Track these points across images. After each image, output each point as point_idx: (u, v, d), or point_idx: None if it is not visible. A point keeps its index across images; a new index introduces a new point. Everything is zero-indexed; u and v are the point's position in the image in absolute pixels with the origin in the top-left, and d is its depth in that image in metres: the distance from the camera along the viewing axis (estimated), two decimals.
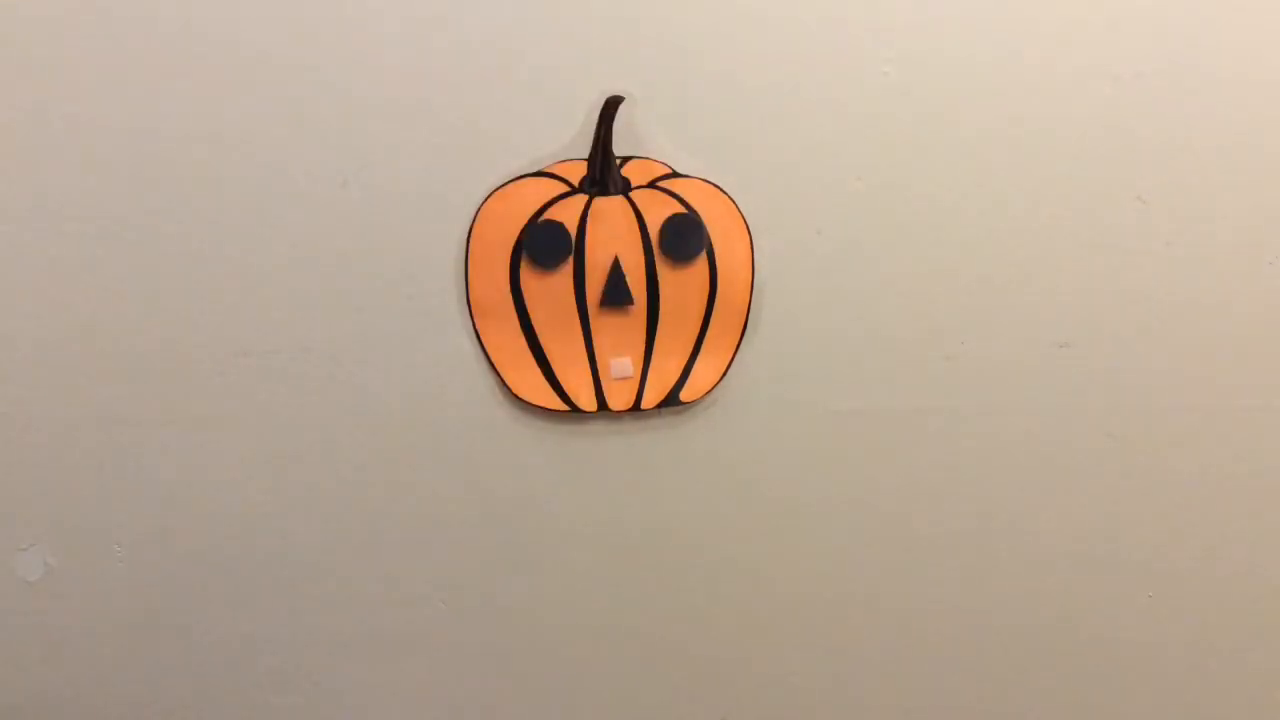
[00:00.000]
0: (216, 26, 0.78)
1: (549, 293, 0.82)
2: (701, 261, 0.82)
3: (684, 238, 0.81)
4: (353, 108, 0.79)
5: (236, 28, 0.78)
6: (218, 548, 0.87)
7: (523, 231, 0.81)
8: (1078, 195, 0.82)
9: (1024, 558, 0.89)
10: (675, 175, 0.82)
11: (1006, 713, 0.92)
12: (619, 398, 0.84)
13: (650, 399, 0.84)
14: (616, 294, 0.81)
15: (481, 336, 0.83)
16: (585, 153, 0.81)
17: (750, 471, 0.86)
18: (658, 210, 0.81)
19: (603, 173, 0.81)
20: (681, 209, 0.81)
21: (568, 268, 0.81)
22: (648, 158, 0.82)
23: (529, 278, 0.82)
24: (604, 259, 0.81)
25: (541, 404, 0.83)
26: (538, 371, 0.83)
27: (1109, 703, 0.92)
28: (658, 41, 0.79)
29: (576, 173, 0.81)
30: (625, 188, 0.82)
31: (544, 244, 0.81)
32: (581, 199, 0.81)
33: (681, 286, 0.82)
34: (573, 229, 0.81)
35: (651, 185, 0.81)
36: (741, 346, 0.84)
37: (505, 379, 0.83)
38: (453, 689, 0.90)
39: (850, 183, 0.82)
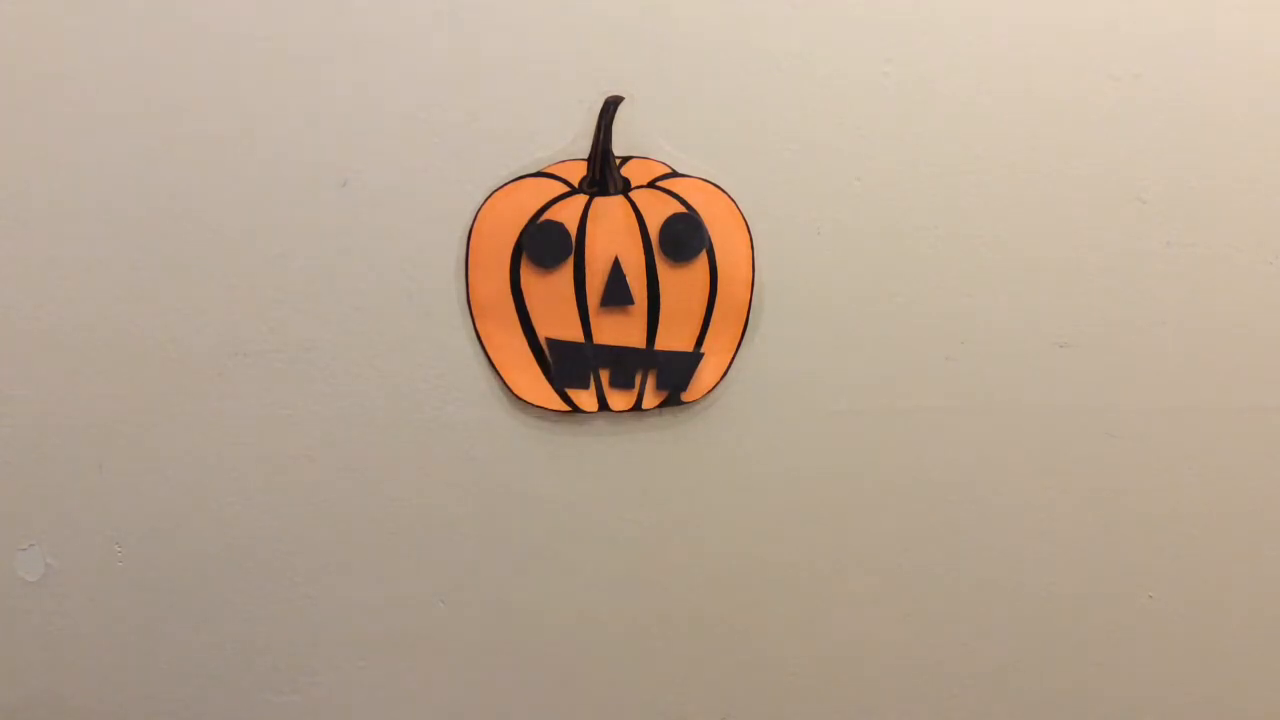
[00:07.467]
0: (216, 26, 0.78)
1: (549, 293, 0.82)
2: (701, 261, 0.82)
3: (684, 237, 0.81)
4: (353, 108, 0.79)
5: (236, 27, 0.78)
6: (218, 548, 0.87)
7: (523, 231, 0.81)
8: (1078, 195, 0.82)
9: (1024, 557, 0.89)
10: (675, 175, 0.82)
11: (1006, 712, 0.92)
12: (619, 398, 0.84)
13: (651, 399, 0.84)
14: (617, 294, 0.81)
15: (481, 336, 0.83)
16: (585, 153, 0.81)
17: (751, 471, 0.86)
18: (658, 210, 0.81)
19: (603, 173, 0.81)
20: (681, 209, 0.81)
21: (568, 268, 0.81)
22: (648, 158, 0.82)
23: (529, 278, 0.82)
24: (604, 259, 0.81)
25: (542, 404, 0.83)
26: (538, 371, 0.83)
27: (1109, 703, 0.92)
28: (658, 41, 0.79)
29: (576, 173, 0.81)
30: (625, 188, 0.82)
31: (544, 244, 0.81)
32: (581, 199, 0.81)
33: (682, 286, 0.82)
34: (573, 229, 0.81)
35: (651, 185, 0.81)
36: (741, 346, 0.84)
37: (505, 379, 0.83)
38: (453, 689, 0.90)
39: (850, 183, 0.82)
